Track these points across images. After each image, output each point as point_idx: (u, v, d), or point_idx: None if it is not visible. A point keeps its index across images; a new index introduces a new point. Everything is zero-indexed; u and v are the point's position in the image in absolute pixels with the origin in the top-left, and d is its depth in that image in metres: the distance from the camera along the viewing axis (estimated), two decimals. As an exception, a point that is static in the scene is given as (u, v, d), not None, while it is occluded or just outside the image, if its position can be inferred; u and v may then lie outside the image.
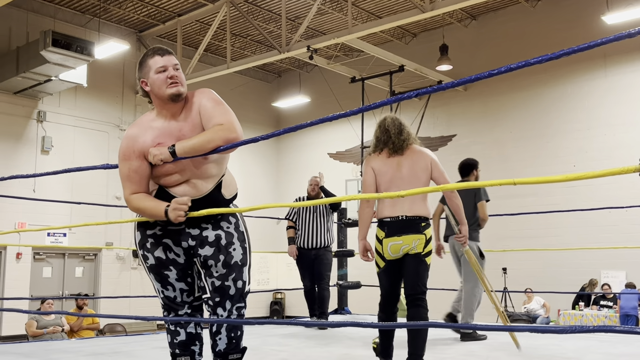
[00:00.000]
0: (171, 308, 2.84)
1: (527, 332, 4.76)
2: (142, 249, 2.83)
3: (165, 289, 2.82)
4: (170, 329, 2.84)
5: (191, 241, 2.78)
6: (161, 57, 2.76)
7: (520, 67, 2.10)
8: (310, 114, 16.70)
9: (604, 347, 4.76)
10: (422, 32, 14.86)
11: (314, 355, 4.48)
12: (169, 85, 2.70)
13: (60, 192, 12.63)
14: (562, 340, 5.09)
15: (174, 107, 2.75)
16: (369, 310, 9.65)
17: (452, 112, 14.30)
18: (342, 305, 7.58)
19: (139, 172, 2.72)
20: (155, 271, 2.81)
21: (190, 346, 2.83)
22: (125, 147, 2.74)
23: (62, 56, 10.97)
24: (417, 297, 3.60)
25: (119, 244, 13.75)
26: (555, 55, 2.00)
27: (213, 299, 2.76)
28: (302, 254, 6.45)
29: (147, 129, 2.75)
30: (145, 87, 2.77)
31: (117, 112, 14.30)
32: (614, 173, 1.89)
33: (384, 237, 3.66)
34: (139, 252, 2.87)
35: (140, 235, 2.84)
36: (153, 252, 2.80)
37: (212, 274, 2.76)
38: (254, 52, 15.52)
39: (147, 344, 4.97)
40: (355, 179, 13.49)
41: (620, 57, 12.10)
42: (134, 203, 2.75)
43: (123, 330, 11.92)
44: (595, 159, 11.68)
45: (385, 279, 3.72)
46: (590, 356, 4.34)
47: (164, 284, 2.81)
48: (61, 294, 12.98)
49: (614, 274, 11.57)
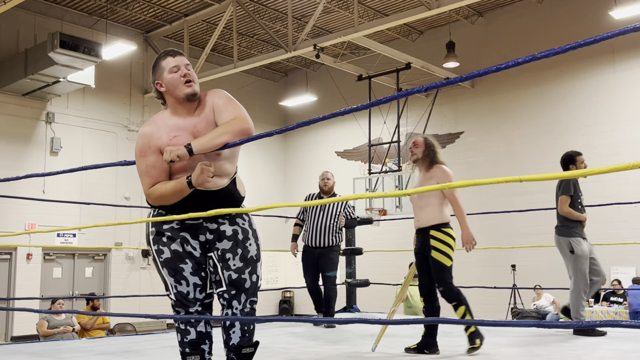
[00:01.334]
0: (183, 305, 2.83)
1: (534, 327, 4.69)
2: (157, 244, 2.83)
3: (178, 284, 2.81)
4: (181, 328, 2.84)
5: (209, 235, 2.85)
6: (173, 58, 2.84)
7: (528, 61, 2.10)
8: (318, 112, 16.70)
9: (614, 343, 4.75)
10: (429, 30, 14.83)
11: (324, 353, 4.49)
12: (185, 84, 2.78)
13: (69, 193, 12.70)
14: (571, 337, 5.08)
15: (189, 106, 2.83)
16: (378, 308, 9.66)
17: (460, 109, 14.27)
18: (351, 304, 7.59)
19: (156, 166, 2.77)
20: (170, 265, 2.80)
21: (200, 345, 2.83)
22: (141, 144, 2.79)
23: (69, 57, 11.02)
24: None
25: (128, 244, 13.81)
26: (562, 50, 2.00)
27: (229, 291, 2.82)
28: (307, 252, 6.37)
29: (161, 127, 2.81)
30: (161, 89, 2.83)
31: (125, 113, 14.36)
32: (622, 169, 1.89)
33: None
34: (152, 249, 2.85)
35: (155, 232, 2.84)
36: (169, 245, 2.81)
37: (229, 267, 2.83)
38: (260, 51, 15.54)
39: (157, 343, 5.00)
40: (363, 177, 13.48)
41: (629, 53, 12.03)
42: (155, 193, 2.78)
43: (133, 330, 11.98)
44: (604, 155, 11.62)
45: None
46: (599, 352, 4.33)
47: (178, 278, 2.80)
48: (71, 294, 13.05)
49: (624, 269, 11.52)
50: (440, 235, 4.32)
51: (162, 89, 2.83)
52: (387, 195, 2.60)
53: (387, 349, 4.65)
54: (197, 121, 2.82)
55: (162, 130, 2.78)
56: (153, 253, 2.86)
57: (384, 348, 4.64)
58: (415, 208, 4.47)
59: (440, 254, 4.29)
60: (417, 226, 4.46)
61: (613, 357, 4.12)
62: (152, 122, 2.85)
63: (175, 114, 2.84)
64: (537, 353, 4.27)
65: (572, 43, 2.00)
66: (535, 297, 11.75)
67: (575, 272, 5.05)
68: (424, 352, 4.32)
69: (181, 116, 2.82)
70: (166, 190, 2.75)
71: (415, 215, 4.47)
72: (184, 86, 2.78)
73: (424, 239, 4.37)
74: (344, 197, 2.99)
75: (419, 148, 4.52)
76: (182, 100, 2.80)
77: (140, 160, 2.79)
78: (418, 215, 4.44)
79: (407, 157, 14.41)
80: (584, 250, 5.21)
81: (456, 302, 4.26)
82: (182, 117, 2.82)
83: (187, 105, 2.82)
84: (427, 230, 4.35)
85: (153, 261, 2.89)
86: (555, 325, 2.07)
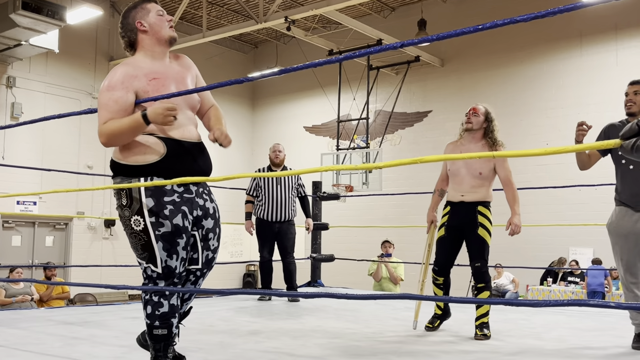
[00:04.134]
0: (167, 279, 2.71)
1: (500, 305, 4.77)
2: (156, 216, 2.65)
3: (170, 258, 2.69)
4: (153, 300, 2.71)
5: (199, 211, 2.81)
6: (156, 4, 2.89)
7: (506, 24, 2.07)
8: (287, 85, 16.59)
9: (572, 321, 4.86)
10: (401, 7, 14.77)
11: (287, 327, 4.50)
12: (169, 28, 2.84)
13: (30, 160, 12.39)
14: (530, 315, 5.19)
15: (164, 51, 2.85)
16: (342, 283, 9.72)
17: (429, 87, 14.31)
18: (315, 278, 7.61)
19: (119, 102, 2.65)
20: (168, 239, 2.67)
21: (170, 318, 2.74)
22: (114, 79, 2.67)
23: (32, 20, 10.68)
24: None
25: (91, 213, 13.59)
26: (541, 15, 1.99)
27: (202, 270, 2.85)
28: (264, 226, 6.24)
29: (136, 69, 2.74)
30: (142, 27, 2.80)
31: (89, 80, 14.02)
32: (586, 148, 1.91)
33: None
34: (147, 220, 2.66)
35: (153, 202, 2.66)
36: (172, 219, 2.67)
37: (209, 247, 2.85)
38: (230, 21, 15.29)
39: (118, 314, 4.94)
40: (331, 152, 13.47)
41: (596, 37, 12.18)
42: (108, 128, 2.63)
43: (94, 300, 11.86)
44: (568, 137, 11.67)
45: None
46: (558, 331, 4.43)
47: (172, 252, 2.68)
48: (31, 263, 12.82)
49: (582, 250, 11.80)
50: (487, 212, 4.24)
51: (143, 28, 2.80)
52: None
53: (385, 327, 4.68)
54: (180, 70, 2.87)
55: (137, 71, 2.72)
56: (146, 225, 2.66)
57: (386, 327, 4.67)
58: (464, 182, 4.24)
59: (485, 231, 4.20)
60: (460, 200, 4.25)
61: (570, 335, 4.21)
62: (125, 64, 2.77)
63: (149, 58, 2.80)
64: (497, 330, 4.35)
65: (546, 10, 1.99)
66: (495, 276, 11.98)
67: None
68: (446, 319, 4.45)
69: (157, 60, 2.81)
70: (120, 125, 2.61)
71: (461, 188, 4.25)
72: (170, 29, 2.84)
73: (468, 214, 4.21)
74: (313, 169, 2.91)
75: (479, 117, 4.26)
76: (163, 42, 2.82)
77: (105, 93, 2.67)
78: (466, 189, 4.22)
79: (376, 134, 14.53)
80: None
81: (484, 284, 4.19)
82: (157, 61, 2.81)
83: (163, 50, 2.84)
84: (474, 205, 4.21)
85: (137, 233, 2.68)
86: (514, 302, 2.10)
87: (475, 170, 4.20)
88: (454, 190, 4.31)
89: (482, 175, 4.20)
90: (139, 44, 2.81)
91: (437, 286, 4.40)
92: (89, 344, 3.70)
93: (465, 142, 4.32)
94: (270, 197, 6.22)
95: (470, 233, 4.21)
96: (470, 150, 4.23)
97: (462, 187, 4.26)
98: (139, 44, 2.81)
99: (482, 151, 4.18)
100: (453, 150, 4.36)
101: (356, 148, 13.27)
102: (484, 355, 3.52)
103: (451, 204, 4.32)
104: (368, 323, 4.75)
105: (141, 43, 2.81)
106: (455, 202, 4.28)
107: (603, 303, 1.63)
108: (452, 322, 4.56)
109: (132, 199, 2.68)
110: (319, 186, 7.89)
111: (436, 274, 4.37)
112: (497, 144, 4.25)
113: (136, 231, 2.68)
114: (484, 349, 3.70)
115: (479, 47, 13.37)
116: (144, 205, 2.66)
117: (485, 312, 4.12)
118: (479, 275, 4.20)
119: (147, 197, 2.66)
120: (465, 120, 4.29)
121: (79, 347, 3.57)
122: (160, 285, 2.72)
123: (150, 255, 2.69)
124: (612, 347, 3.22)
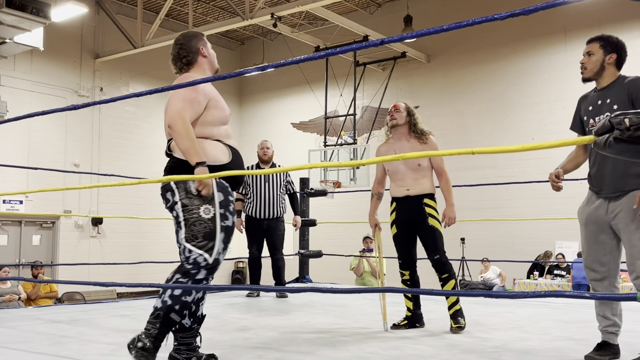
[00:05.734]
0: (212, 271, 2.96)
1: (482, 297, 4.83)
2: (225, 209, 2.97)
3: (223, 252, 2.98)
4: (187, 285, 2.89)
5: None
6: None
7: (485, 21, 2.12)
8: (274, 82, 16.60)
9: (556, 314, 4.93)
10: (387, 3, 14.81)
11: (275, 323, 4.53)
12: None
13: (16, 158, 12.30)
14: (516, 308, 5.26)
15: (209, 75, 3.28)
16: (330, 279, 9.75)
17: (415, 83, 14.37)
18: (303, 274, 7.65)
19: (201, 104, 3.04)
20: (229, 233, 2.99)
21: (187, 310, 2.99)
22: (200, 87, 3.05)
23: (16, 18, 10.59)
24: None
25: (78, 212, 13.53)
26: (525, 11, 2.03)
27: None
28: (252, 223, 6.28)
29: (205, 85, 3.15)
30: (203, 53, 3.28)
31: (75, 78, 13.94)
32: (570, 143, 1.95)
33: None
34: (217, 210, 2.94)
35: (223, 196, 2.98)
36: (233, 217, 3.04)
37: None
38: (216, 18, 15.25)
39: (107, 312, 4.95)
40: (319, 149, 13.49)
41: (580, 33, 12.27)
42: (185, 124, 2.92)
43: (82, 299, 11.84)
44: (553, 132, 11.90)
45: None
46: (542, 323, 4.50)
47: (226, 246, 3.00)
48: (18, 262, 12.75)
49: (567, 244, 11.92)
50: (434, 204, 4.28)
51: (204, 54, 3.28)
52: (360, 163, 2.61)
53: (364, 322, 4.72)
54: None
55: (204, 86, 3.11)
56: (215, 214, 2.93)
57: (367, 323, 4.70)
58: (406, 177, 4.29)
59: (435, 221, 4.22)
60: (405, 194, 4.29)
61: (555, 327, 4.28)
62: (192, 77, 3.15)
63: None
64: (483, 323, 4.41)
65: (529, 6, 2.03)
66: (482, 270, 12.08)
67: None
68: (416, 326, 4.30)
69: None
70: (192, 143, 2.90)
71: (404, 183, 4.29)
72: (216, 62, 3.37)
73: (415, 207, 4.25)
74: (299, 165, 2.92)
75: (401, 113, 4.38)
76: (213, 70, 3.33)
77: (192, 91, 3.01)
78: (409, 183, 4.27)
79: (363, 130, 14.56)
80: None
81: (448, 274, 4.19)
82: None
83: (205, 75, 3.24)
84: (420, 199, 4.25)
85: (204, 220, 2.91)
86: (501, 295, 2.14)
87: (413, 163, 4.26)
88: (398, 187, 4.36)
89: (421, 166, 4.28)
90: (197, 64, 3.25)
91: (403, 282, 4.42)
92: (77, 342, 3.71)
93: (396, 140, 4.39)
94: (259, 194, 6.24)
95: (421, 225, 4.25)
96: (403, 146, 4.32)
97: (405, 182, 4.31)
98: (197, 64, 3.25)
99: (414, 145, 4.30)
100: (387, 150, 4.41)
101: (343, 144, 13.30)
102: (470, 347, 3.57)
103: (397, 200, 4.37)
104: (355, 318, 4.80)
105: (200, 65, 3.26)
106: (401, 197, 4.33)
107: (578, 294, 1.68)
108: (437, 316, 4.61)
109: (215, 193, 2.99)
110: (306, 182, 7.92)
111: (401, 267, 4.40)
112: (424, 134, 4.34)
113: (204, 219, 2.92)
114: (470, 342, 3.75)
115: (464, 43, 13.44)
116: (216, 196, 2.95)
117: (456, 300, 4.16)
118: (440, 267, 4.23)
119: (218, 192, 2.97)
120: (389, 119, 4.41)
121: (68, 345, 3.58)
122: (201, 275, 2.91)
123: (210, 244, 2.91)
124: (595, 339, 3.28)
